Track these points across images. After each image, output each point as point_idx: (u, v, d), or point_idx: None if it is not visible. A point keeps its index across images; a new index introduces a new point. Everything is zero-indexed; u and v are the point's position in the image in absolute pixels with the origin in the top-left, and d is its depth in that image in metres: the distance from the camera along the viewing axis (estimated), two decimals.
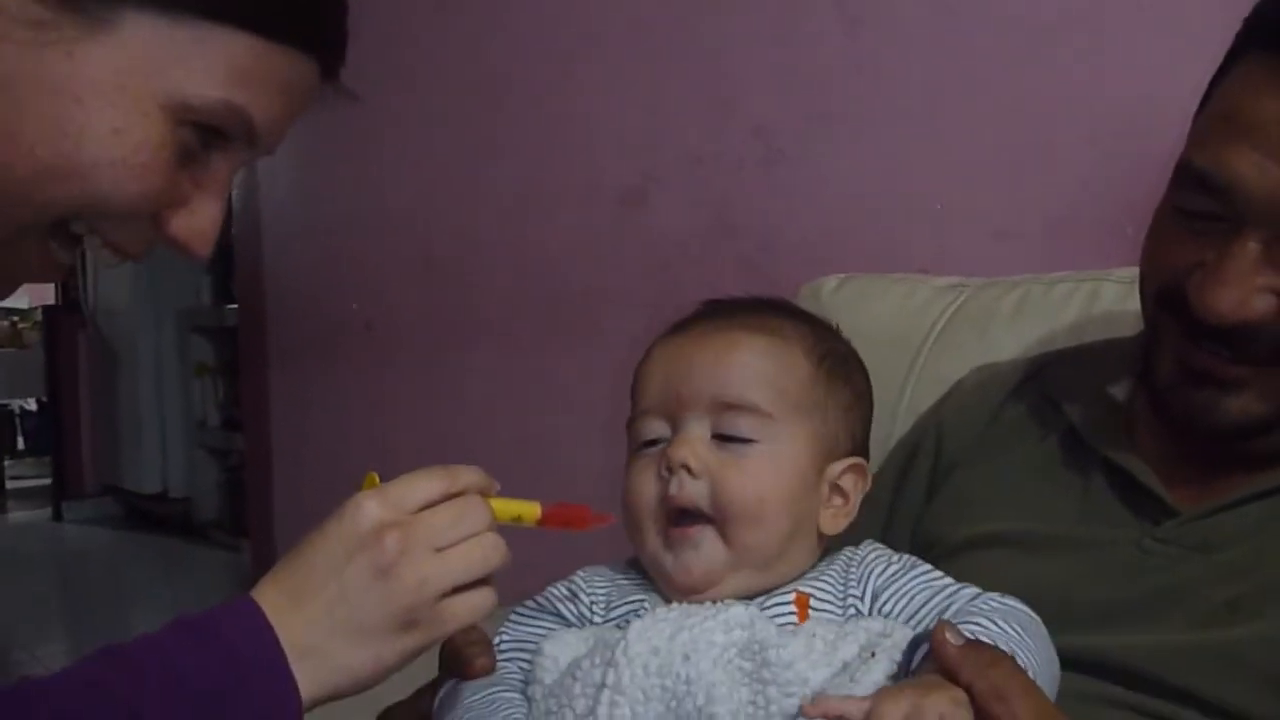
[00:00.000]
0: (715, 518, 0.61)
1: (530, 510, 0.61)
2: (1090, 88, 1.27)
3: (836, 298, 1.16)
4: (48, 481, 5.22)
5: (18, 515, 5.35)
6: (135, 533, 4.78)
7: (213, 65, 0.55)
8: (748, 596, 0.62)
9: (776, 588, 0.62)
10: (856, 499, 0.65)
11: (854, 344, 0.91)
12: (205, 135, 0.57)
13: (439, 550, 0.55)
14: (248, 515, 3.24)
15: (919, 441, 0.84)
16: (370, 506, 0.55)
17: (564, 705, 0.58)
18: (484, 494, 0.59)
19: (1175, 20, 1.20)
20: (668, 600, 0.62)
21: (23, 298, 6.29)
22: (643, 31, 1.79)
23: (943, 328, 1.05)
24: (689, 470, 0.61)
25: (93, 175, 0.54)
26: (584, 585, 0.66)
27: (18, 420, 6.33)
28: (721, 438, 0.62)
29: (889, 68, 1.46)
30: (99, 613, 3.63)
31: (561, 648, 0.61)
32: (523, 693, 0.62)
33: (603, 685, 0.56)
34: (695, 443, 0.62)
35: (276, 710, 0.53)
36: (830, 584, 0.62)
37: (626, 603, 0.64)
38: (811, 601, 0.61)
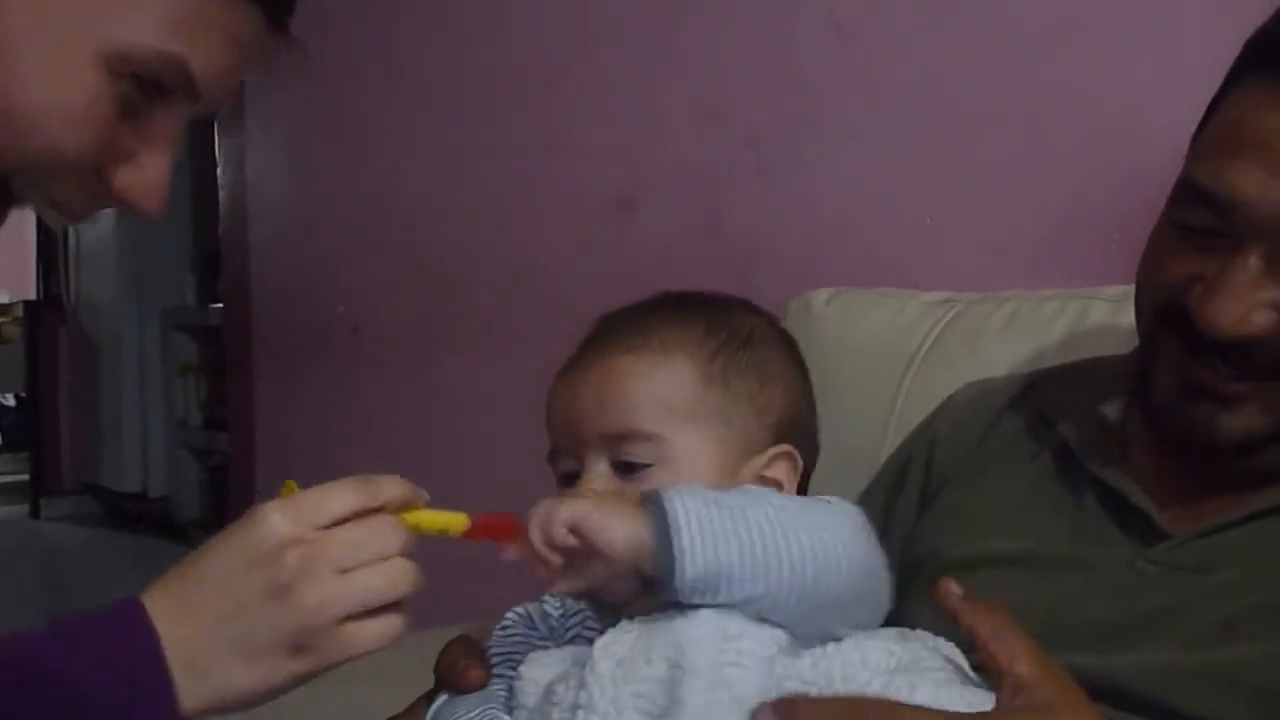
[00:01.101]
0: None
1: (458, 522, 0.58)
2: (1083, 102, 1.28)
3: (826, 312, 1.16)
4: (25, 477, 5.17)
5: None
6: (114, 531, 4.74)
7: (149, 14, 0.53)
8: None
9: None
10: (792, 486, 0.65)
11: (844, 358, 0.91)
12: (145, 88, 0.55)
13: (343, 571, 0.53)
14: (229, 516, 3.22)
15: (910, 457, 0.83)
16: (275, 520, 0.53)
17: None
18: (409, 506, 0.57)
19: (1168, 36, 1.21)
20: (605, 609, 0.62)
21: (3, 292, 6.25)
22: (634, 38, 1.79)
23: (933, 343, 1.05)
24: None
25: (28, 126, 0.52)
26: (553, 598, 0.66)
27: None
28: (622, 466, 0.63)
29: (881, 79, 1.47)
30: (76, 610, 3.59)
31: (539, 670, 0.60)
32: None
33: (576, 706, 0.56)
34: (596, 480, 0.63)
35: None
36: None
37: (576, 613, 0.64)
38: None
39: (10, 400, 6.14)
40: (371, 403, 2.47)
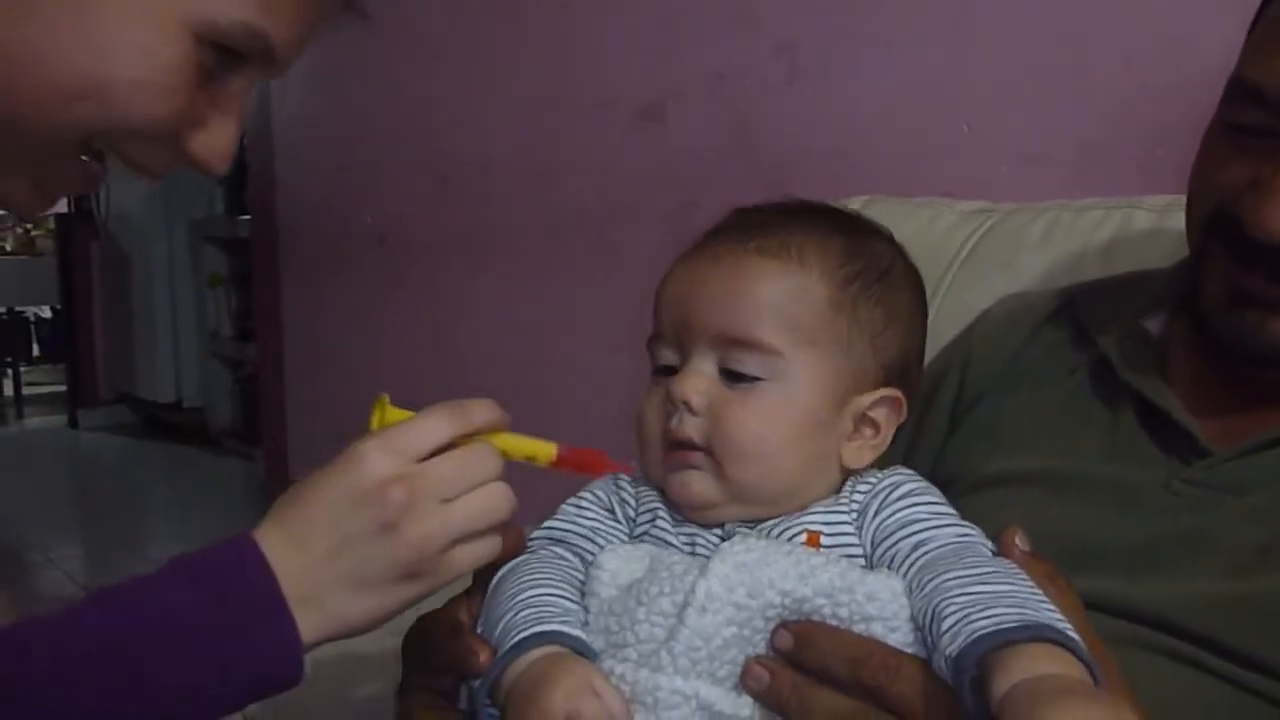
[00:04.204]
0: (712, 452, 0.60)
1: (545, 450, 0.60)
2: (1125, 9, 1.23)
3: None
4: (63, 388, 5.26)
5: (34, 421, 5.41)
6: (150, 441, 4.83)
7: None
8: (752, 523, 0.61)
9: (786, 515, 0.61)
10: (889, 431, 0.62)
11: None
12: (223, 56, 0.56)
13: (445, 501, 0.55)
14: (260, 424, 3.27)
15: (943, 373, 0.81)
16: (375, 459, 0.55)
17: (625, 628, 0.57)
18: (497, 429, 0.59)
19: None
20: (675, 510, 0.62)
21: None
22: None
23: (968, 254, 1.02)
24: (689, 408, 0.60)
25: (119, 95, 0.53)
26: (630, 488, 0.64)
27: (32, 327, 6.36)
28: (729, 373, 0.60)
29: None
30: (114, 518, 3.68)
31: (619, 563, 0.60)
32: (581, 558, 0.62)
33: (680, 622, 0.55)
34: (699, 379, 0.60)
35: (281, 655, 0.54)
36: (844, 516, 0.61)
37: (647, 509, 0.63)
38: (822, 539, 0.60)
39: (46, 312, 6.21)
40: (396, 312, 2.48)
